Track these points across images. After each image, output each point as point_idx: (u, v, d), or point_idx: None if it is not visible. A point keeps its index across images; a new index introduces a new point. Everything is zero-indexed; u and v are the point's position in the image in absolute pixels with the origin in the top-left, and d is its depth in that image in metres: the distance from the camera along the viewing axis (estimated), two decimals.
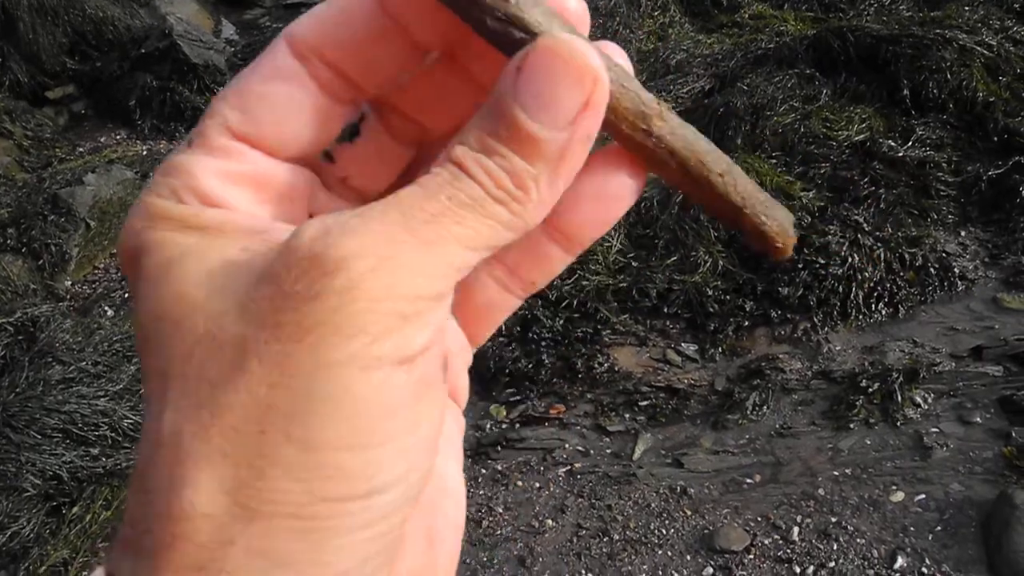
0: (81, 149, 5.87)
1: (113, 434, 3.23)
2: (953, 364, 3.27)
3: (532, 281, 0.37)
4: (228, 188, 0.32)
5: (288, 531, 0.27)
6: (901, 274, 3.57)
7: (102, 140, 6.00)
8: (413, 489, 0.29)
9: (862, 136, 4.10)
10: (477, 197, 0.29)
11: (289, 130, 0.33)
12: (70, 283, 4.45)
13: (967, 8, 4.68)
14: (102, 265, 4.62)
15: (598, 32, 5.25)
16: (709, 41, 5.26)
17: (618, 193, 0.35)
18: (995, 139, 4.02)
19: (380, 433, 0.27)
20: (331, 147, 0.36)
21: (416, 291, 0.28)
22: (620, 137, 0.34)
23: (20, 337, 3.44)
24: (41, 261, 4.40)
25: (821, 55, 4.57)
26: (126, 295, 4.38)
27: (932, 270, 3.59)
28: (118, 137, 6.02)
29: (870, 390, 3.18)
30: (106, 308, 4.22)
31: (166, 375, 0.29)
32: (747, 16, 5.46)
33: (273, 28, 7.65)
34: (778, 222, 0.36)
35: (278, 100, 0.32)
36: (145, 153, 5.71)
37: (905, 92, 4.25)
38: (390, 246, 0.27)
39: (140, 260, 0.31)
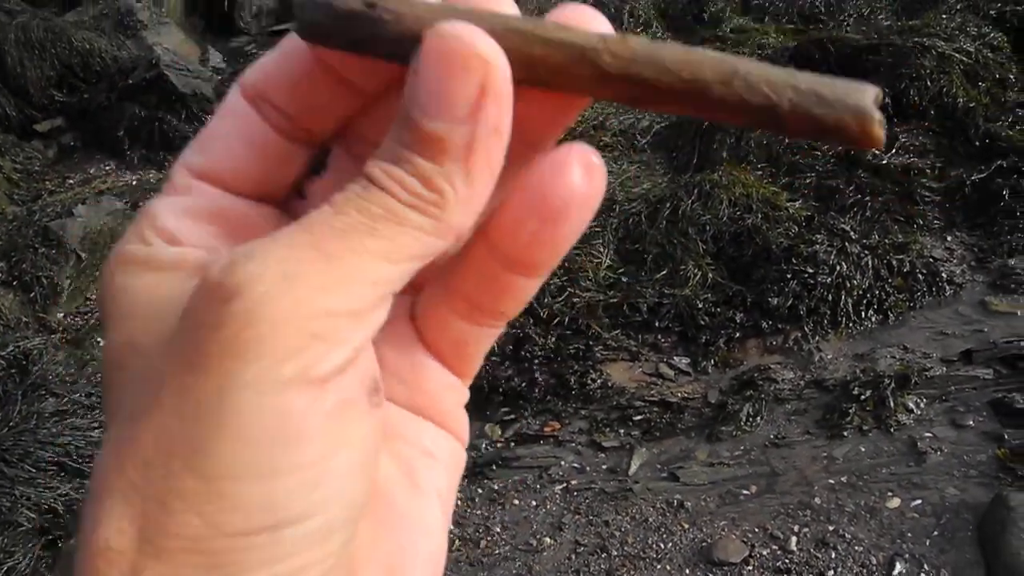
0: (71, 181, 5.88)
1: None
2: (944, 368, 3.29)
3: (501, 311, 0.34)
4: (187, 224, 0.32)
5: (192, 567, 0.26)
6: (889, 281, 3.59)
7: (91, 171, 6.01)
8: (337, 521, 0.28)
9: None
10: (389, 207, 0.28)
11: (242, 166, 0.33)
12: (62, 315, 4.45)
13: (944, 16, 4.74)
14: (94, 296, 4.62)
15: None
16: None
17: (559, 208, 0.30)
18: (977, 144, 4.07)
19: (283, 461, 0.26)
20: (302, 184, 0.36)
21: (325, 308, 0.26)
22: (577, 91, 0.31)
23: (12, 371, 3.43)
24: (32, 294, 4.40)
25: (802, 66, 4.55)
26: None
27: (920, 276, 3.61)
28: (107, 168, 6.03)
29: (863, 397, 3.20)
30: (99, 339, 4.21)
31: (109, 416, 0.30)
32: (729, 30, 5.52)
33: (258, 55, 7.67)
34: (840, 103, 0.28)
35: (229, 137, 0.33)
36: (135, 183, 5.72)
37: (887, 100, 4.29)
38: (292, 265, 0.26)
39: (106, 306, 0.31)
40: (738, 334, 3.55)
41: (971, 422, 3.08)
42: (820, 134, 0.29)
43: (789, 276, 3.59)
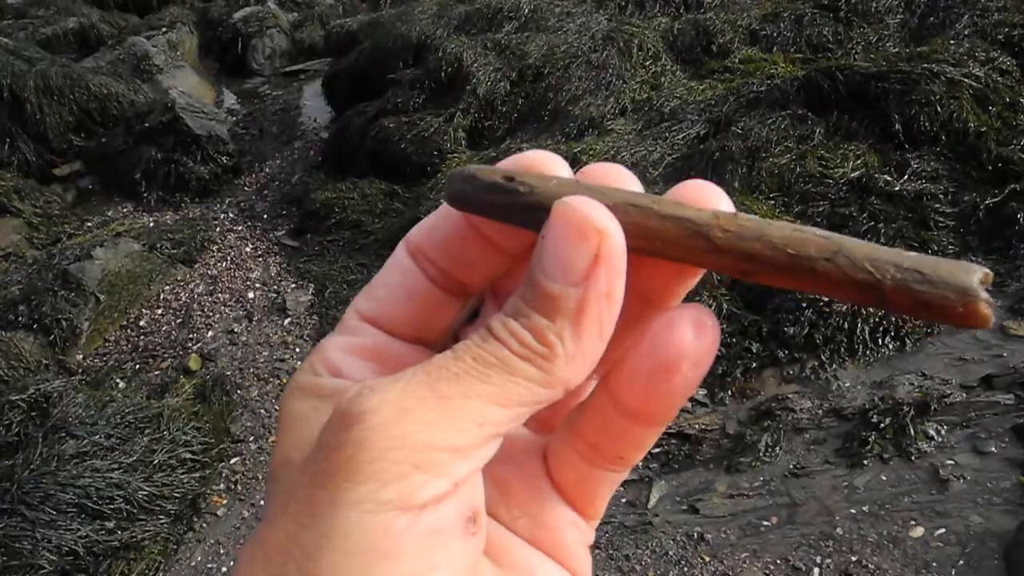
0: (89, 224, 5.95)
1: (128, 506, 3.23)
2: (964, 395, 3.26)
3: (620, 456, 0.36)
4: (349, 360, 0.37)
5: None
6: None
7: (109, 214, 6.09)
8: None
9: (858, 172, 4.14)
10: (502, 356, 0.31)
11: (402, 311, 0.38)
12: (81, 357, 4.49)
13: (952, 42, 4.76)
14: (112, 338, 4.66)
15: (591, 84, 5.34)
16: (701, 87, 5.34)
17: (670, 363, 0.32)
18: (989, 168, 4.06)
19: (378, 574, 0.29)
20: (458, 330, 0.40)
21: (429, 442, 0.29)
22: (691, 262, 0.33)
23: (33, 413, 3.46)
24: (52, 336, 4.44)
25: (812, 95, 4.64)
26: (137, 366, 4.41)
27: None
28: (125, 210, 6.11)
29: (882, 425, 3.17)
30: (118, 380, 4.24)
31: (262, 517, 0.34)
32: (737, 61, 5.56)
33: (272, 96, 7.80)
34: (942, 282, 0.29)
35: (393, 286, 0.38)
36: (152, 225, 5.79)
37: (897, 127, 4.30)
38: (407, 401, 0.30)
39: (279, 425, 0.37)
40: (755, 364, 3.54)
41: (993, 448, 3.05)
42: (923, 312, 0.29)
43: (804, 305, 3.58)
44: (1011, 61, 4.52)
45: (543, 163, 0.36)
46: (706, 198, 0.34)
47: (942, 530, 2.84)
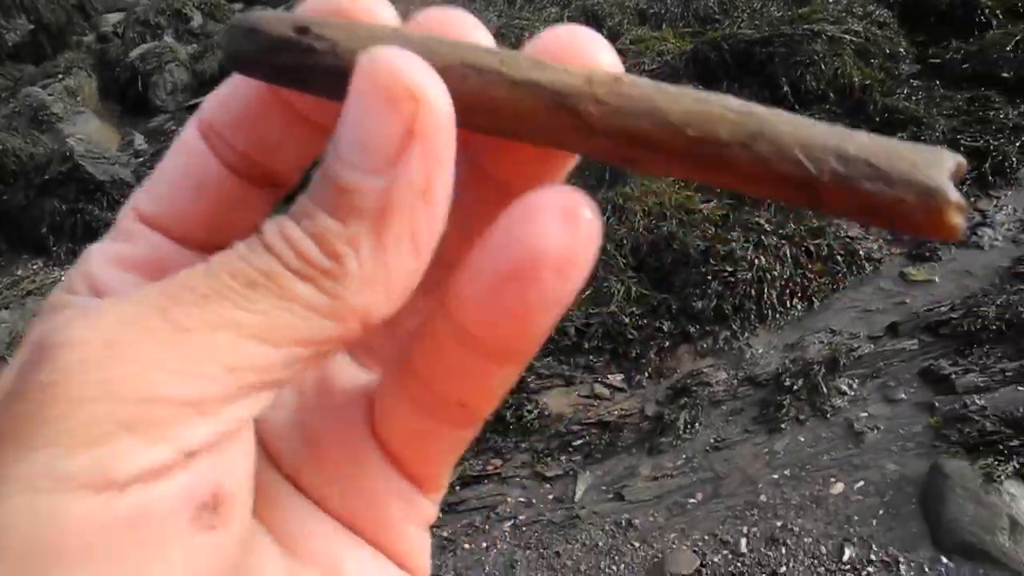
0: None
1: None
2: (872, 346, 3.31)
3: (461, 403, 0.26)
4: (117, 275, 0.26)
5: None
6: (809, 267, 3.62)
7: (19, 273, 5.93)
8: None
9: None
10: (272, 273, 0.22)
11: (191, 210, 0.27)
12: None
13: (831, 1, 4.84)
14: None
15: None
16: None
17: (524, 267, 0.22)
18: (877, 119, 4.13)
19: None
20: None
21: (148, 391, 0.20)
22: (555, 146, 0.24)
23: None
24: None
25: (701, 68, 4.68)
26: None
27: (838, 257, 3.65)
28: (34, 267, 5.96)
29: (795, 387, 3.21)
30: None
31: None
32: (628, 41, 5.58)
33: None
34: (901, 177, 0.21)
35: (178, 176, 0.28)
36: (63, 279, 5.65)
37: (786, 89, 4.35)
38: (124, 330, 0.21)
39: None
40: (668, 343, 3.56)
41: (903, 395, 3.10)
42: (870, 217, 0.22)
43: (710, 277, 3.60)
44: (887, 13, 4.62)
45: (352, 7, 0.25)
46: (580, 50, 0.24)
47: (861, 483, 2.88)
